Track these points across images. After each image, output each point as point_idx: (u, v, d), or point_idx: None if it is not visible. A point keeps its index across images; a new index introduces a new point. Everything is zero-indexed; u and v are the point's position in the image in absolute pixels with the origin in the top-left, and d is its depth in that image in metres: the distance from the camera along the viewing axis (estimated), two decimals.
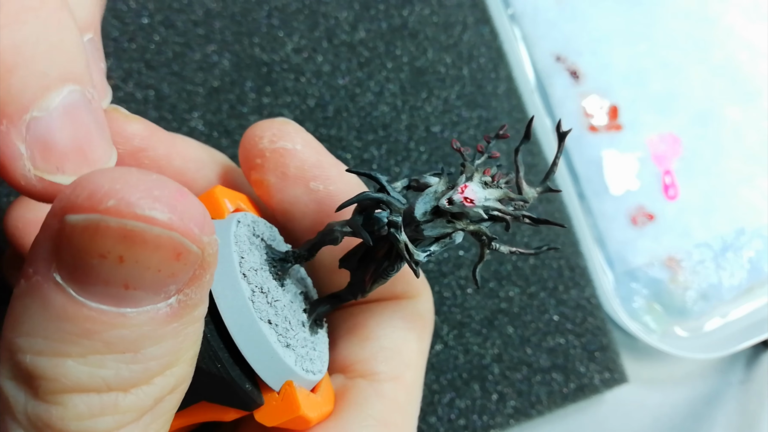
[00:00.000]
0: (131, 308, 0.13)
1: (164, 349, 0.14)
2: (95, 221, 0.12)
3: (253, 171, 0.21)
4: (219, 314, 0.17)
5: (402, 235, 0.17)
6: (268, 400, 0.18)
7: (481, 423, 0.35)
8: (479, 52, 0.39)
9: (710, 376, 0.41)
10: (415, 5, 0.39)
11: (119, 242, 0.13)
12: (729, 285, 0.40)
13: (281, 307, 0.19)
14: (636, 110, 0.42)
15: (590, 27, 0.43)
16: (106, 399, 0.14)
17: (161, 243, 0.13)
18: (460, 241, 0.18)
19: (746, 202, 0.41)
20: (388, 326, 0.22)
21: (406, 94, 0.37)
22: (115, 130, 0.20)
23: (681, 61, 0.43)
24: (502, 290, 0.36)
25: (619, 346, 0.38)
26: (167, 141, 0.22)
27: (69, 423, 0.14)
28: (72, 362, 0.13)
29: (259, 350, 0.17)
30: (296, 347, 0.19)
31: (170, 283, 0.13)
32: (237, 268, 0.18)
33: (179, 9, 0.35)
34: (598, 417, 0.38)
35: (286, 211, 0.22)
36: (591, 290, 0.38)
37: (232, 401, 0.18)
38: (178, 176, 0.22)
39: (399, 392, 0.21)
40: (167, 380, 0.15)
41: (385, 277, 0.19)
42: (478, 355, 0.35)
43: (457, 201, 0.17)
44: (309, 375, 0.19)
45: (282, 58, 0.36)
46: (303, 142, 0.21)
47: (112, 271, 0.13)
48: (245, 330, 0.17)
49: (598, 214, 0.40)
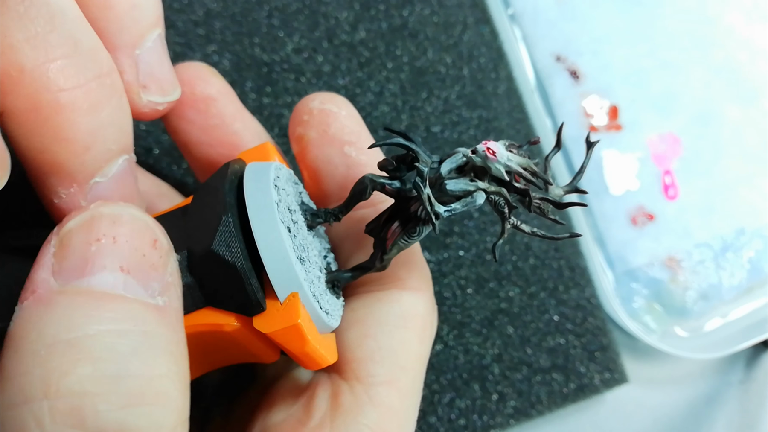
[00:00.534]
0: (128, 293, 0.15)
1: (167, 338, 0.15)
2: (91, 214, 0.15)
3: (299, 127, 0.23)
4: (246, 211, 0.18)
5: (426, 188, 0.18)
6: (270, 308, 0.18)
7: (481, 423, 0.35)
8: (479, 52, 0.39)
9: (710, 376, 0.41)
10: (415, 5, 0.39)
11: (110, 226, 0.15)
12: (729, 285, 0.40)
13: (304, 238, 0.20)
14: (636, 110, 0.42)
15: (590, 27, 0.43)
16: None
17: (141, 227, 0.15)
18: (480, 203, 0.19)
19: (746, 202, 0.41)
20: (387, 325, 0.22)
21: (406, 94, 0.37)
22: (200, 77, 0.23)
23: (681, 61, 0.43)
24: (502, 290, 0.36)
25: (620, 346, 0.38)
26: (238, 105, 0.24)
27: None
28: (88, 341, 0.14)
29: (274, 248, 0.18)
30: (309, 270, 0.19)
31: (153, 277, 0.15)
32: (271, 179, 0.19)
33: (179, 9, 0.35)
34: (598, 417, 0.38)
35: (318, 170, 0.23)
36: (591, 290, 0.38)
37: (236, 301, 0.18)
38: (234, 136, 0.24)
39: (393, 397, 0.21)
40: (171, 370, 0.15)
41: (407, 240, 0.20)
42: (478, 355, 0.35)
43: (480, 150, 0.18)
44: (316, 304, 0.19)
45: (282, 58, 0.36)
46: (348, 111, 0.23)
47: (108, 252, 0.15)
48: (265, 225, 0.18)
49: (598, 214, 0.40)
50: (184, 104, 0.23)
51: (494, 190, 0.18)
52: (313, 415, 0.20)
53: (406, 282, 0.22)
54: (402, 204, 0.20)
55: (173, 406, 0.14)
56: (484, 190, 0.18)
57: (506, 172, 0.18)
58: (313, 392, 0.21)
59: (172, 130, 0.24)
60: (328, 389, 0.21)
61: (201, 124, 0.24)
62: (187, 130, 0.24)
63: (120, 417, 0.13)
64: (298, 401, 0.21)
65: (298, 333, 0.18)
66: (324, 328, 0.20)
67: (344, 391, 0.21)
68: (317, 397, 0.21)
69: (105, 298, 0.14)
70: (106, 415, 0.13)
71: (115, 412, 0.13)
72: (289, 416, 0.21)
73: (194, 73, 0.23)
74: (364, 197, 0.20)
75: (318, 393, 0.21)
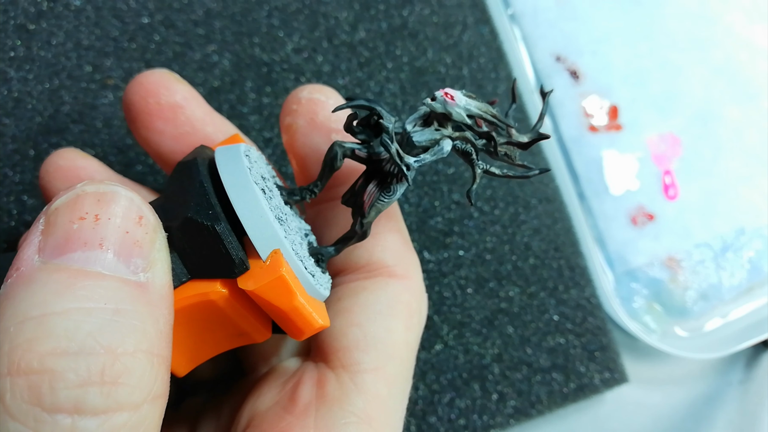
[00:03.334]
0: (106, 270, 0.15)
1: (141, 315, 0.15)
2: (76, 192, 0.15)
3: (288, 116, 0.23)
4: (221, 184, 0.18)
5: (394, 143, 0.19)
6: (253, 266, 0.18)
7: (481, 423, 0.35)
8: (479, 52, 0.39)
9: (710, 376, 0.41)
10: (415, 5, 0.39)
11: (94, 204, 0.15)
12: (729, 285, 0.40)
13: (280, 205, 0.20)
14: (636, 110, 0.42)
15: (590, 27, 0.43)
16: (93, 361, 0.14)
17: (126, 204, 0.16)
18: (448, 150, 0.19)
19: (746, 202, 0.41)
20: (372, 312, 0.21)
21: (406, 94, 0.37)
22: (164, 85, 0.23)
23: (681, 61, 0.43)
24: (502, 290, 0.36)
25: (619, 346, 0.38)
26: (207, 110, 0.24)
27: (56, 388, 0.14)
28: (54, 319, 0.14)
29: (251, 207, 0.18)
30: (289, 232, 0.19)
31: (137, 254, 0.15)
32: (242, 151, 0.19)
33: (179, 9, 0.35)
34: (598, 417, 0.38)
35: (306, 156, 0.23)
36: (591, 290, 0.38)
37: (219, 265, 0.18)
38: (207, 140, 0.23)
39: (380, 385, 0.21)
40: None
41: (384, 200, 0.20)
42: (478, 355, 0.35)
43: (439, 96, 0.19)
44: (299, 263, 0.19)
45: (282, 58, 0.36)
46: (336, 100, 0.23)
47: (89, 230, 0.15)
48: (240, 187, 0.18)
49: (598, 214, 0.40)
50: (150, 115, 0.23)
51: (458, 135, 0.19)
52: (298, 402, 0.20)
53: (392, 269, 0.22)
54: (375, 166, 0.20)
55: (139, 385, 0.14)
56: (449, 137, 0.19)
57: (468, 116, 0.19)
58: (299, 380, 0.21)
59: (143, 142, 0.24)
60: (314, 377, 0.21)
61: (171, 133, 0.23)
62: (158, 141, 0.23)
63: (77, 395, 0.13)
64: (285, 389, 0.21)
65: (283, 285, 0.18)
66: (311, 291, 0.19)
67: (330, 379, 0.21)
68: (303, 385, 0.21)
69: (80, 275, 0.14)
70: (62, 393, 0.13)
71: (71, 390, 0.13)
72: (275, 404, 0.21)
73: (157, 81, 0.23)
74: (336, 165, 0.20)
75: (304, 380, 0.21)
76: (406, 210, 0.36)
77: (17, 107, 0.32)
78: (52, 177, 0.25)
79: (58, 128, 0.32)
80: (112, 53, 0.34)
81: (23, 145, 0.32)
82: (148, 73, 0.23)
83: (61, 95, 0.33)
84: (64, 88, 0.33)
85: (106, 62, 0.33)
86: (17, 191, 0.32)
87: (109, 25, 0.34)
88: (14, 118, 0.32)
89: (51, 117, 0.32)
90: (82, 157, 0.25)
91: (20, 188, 0.32)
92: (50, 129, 0.32)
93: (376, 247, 0.23)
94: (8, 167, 0.32)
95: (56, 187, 0.25)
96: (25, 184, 0.32)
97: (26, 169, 0.32)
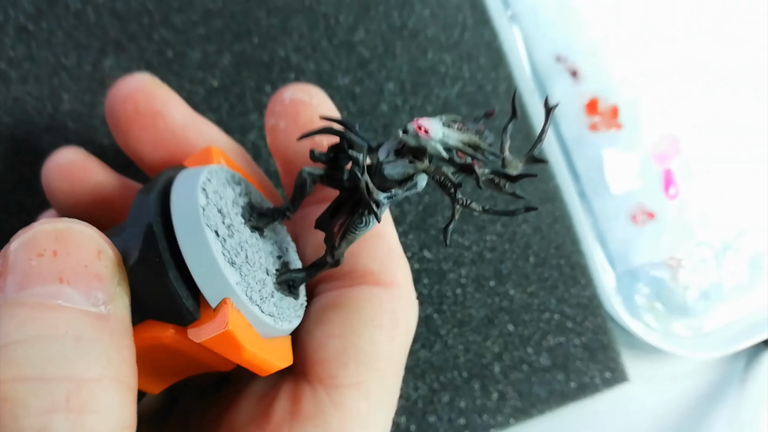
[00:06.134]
0: (66, 302, 0.15)
1: (104, 344, 0.15)
2: (33, 231, 0.15)
3: (271, 117, 0.23)
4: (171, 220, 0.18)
5: (364, 175, 0.17)
6: (203, 316, 0.17)
7: (481, 422, 0.35)
8: (479, 52, 0.39)
9: (711, 375, 0.41)
10: (415, 5, 0.39)
11: (52, 240, 0.15)
12: (730, 284, 0.40)
13: (241, 239, 0.19)
14: (636, 110, 0.42)
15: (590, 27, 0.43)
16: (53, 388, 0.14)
17: (84, 240, 0.16)
18: (423, 186, 0.18)
19: (747, 200, 0.41)
20: (354, 323, 0.20)
21: (406, 93, 0.37)
22: (143, 91, 0.22)
23: (681, 61, 0.43)
24: (502, 289, 0.36)
25: (620, 345, 0.38)
26: (187, 113, 0.23)
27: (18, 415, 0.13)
28: (15, 347, 0.14)
29: (199, 253, 0.17)
30: (246, 273, 0.18)
31: (97, 287, 0.15)
32: (199, 183, 0.18)
33: (179, 9, 0.35)
34: (598, 416, 0.38)
35: (288, 159, 0.23)
36: (592, 289, 0.38)
37: (169, 312, 0.17)
38: (188, 145, 0.23)
39: (359, 400, 0.19)
40: None
41: (354, 231, 0.19)
42: (478, 354, 0.35)
43: (411, 129, 0.17)
44: (255, 308, 0.18)
45: (282, 58, 0.36)
46: (319, 100, 0.23)
47: (48, 266, 0.15)
48: (189, 231, 0.17)
49: (599, 213, 0.40)
50: (129, 122, 0.23)
51: (435, 169, 0.17)
52: (272, 419, 0.20)
53: (378, 276, 0.21)
54: (346, 194, 0.19)
55: (108, 412, 0.14)
56: (424, 171, 0.17)
57: (445, 149, 0.17)
58: (275, 395, 0.20)
59: (125, 148, 0.23)
60: (290, 392, 0.20)
61: (150, 140, 0.23)
62: (138, 148, 0.23)
63: (40, 423, 0.13)
64: (261, 403, 0.20)
65: (231, 340, 0.17)
66: (271, 332, 0.19)
67: (306, 394, 0.20)
68: (278, 400, 0.20)
69: (41, 308, 0.14)
70: (24, 420, 0.13)
71: (35, 417, 0.13)
72: (251, 418, 0.20)
73: (136, 86, 0.23)
74: (306, 192, 0.19)
75: (279, 396, 0.20)
76: (406, 209, 0.36)
77: (17, 107, 0.32)
78: (54, 176, 0.24)
79: (57, 128, 0.32)
80: (112, 53, 0.34)
81: (23, 144, 0.32)
82: (128, 79, 0.23)
83: (61, 95, 0.33)
84: (64, 88, 0.33)
85: (106, 62, 0.33)
86: (17, 191, 0.32)
87: (109, 25, 0.34)
88: (14, 118, 0.32)
89: (51, 116, 0.32)
90: (83, 156, 0.25)
91: (20, 188, 0.32)
92: (50, 129, 0.32)
93: (360, 252, 0.21)
94: (8, 167, 0.32)
95: (57, 186, 0.24)
96: (24, 184, 0.32)
97: (26, 169, 0.32)
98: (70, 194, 0.25)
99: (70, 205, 0.25)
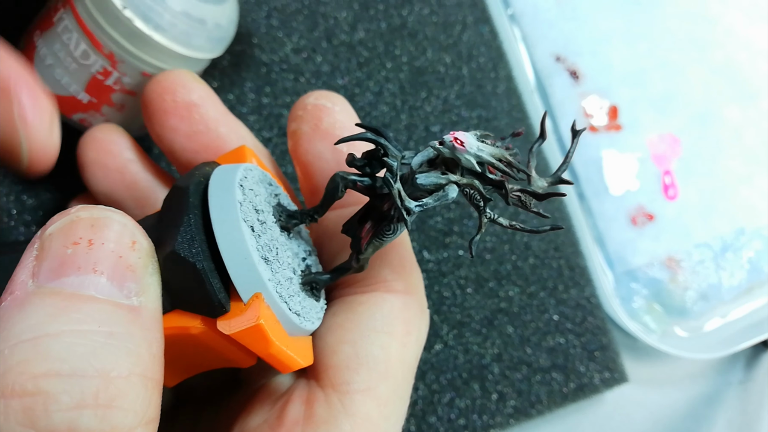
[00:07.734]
0: (100, 294, 0.15)
1: (135, 339, 0.15)
2: (70, 218, 0.16)
3: (293, 122, 0.23)
4: (208, 212, 0.18)
5: (397, 183, 0.18)
6: (233, 309, 0.18)
7: (481, 423, 0.35)
8: (479, 52, 0.39)
9: (710, 376, 0.41)
10: (414, 5, 0.39)
11: (88, 229, 0.15)
12: (729, 285, 0.40)
13: (273, 237, 0.19)
14: (636, 110, 0.42)
15: (590, 27, 0.43)
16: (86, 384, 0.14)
17: (119, 229, 0.16)
18: (454, 197, 0.18)
19: (746, 202, 0.41)
20: (367, 329, 0.20)
21: (406, 93, 0.37)
22: (181, 84, 0.23)
23: (681, 61, 0.43)
24: (501, 290, 0.36)
25: (619, 346, 0.38)
26: (221, 109, 0.24)
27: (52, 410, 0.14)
28: (48, 341, 0.14)
29: (235, 247, 0.18)
30: (276, 270, 0.18)
31: (130, 278, 0.16)
32: (236, 179, 0.19)
33: None
34: (598, 417, 0.38)
35: (309, 164, 0.23)
36: (591, 290, 0.38)
37: (200, 303, 0.18)
38: (219, 141, 0.23)
39: (370, 406, 0.19)
40: None
41: (382, 238, 0.19)
42: (477, 355, 0.35)
43: (447, 140, 0.17)
44: (283, 305, 0.18)
45: (281, 58, 0.36)
46: (342, 107, 0.23)
47: (83, 255, 0.15)
48: (226, 224, 0.18)
49: (598, 214, 0.40)
50: (166, 112, 0.23)
51: (466, 182, 0.18)
52: (285, 422, 0.20)
53: (391, 284, 0.21)
54: (376, 201, 0.19)
55: (133, 408, 0.14)
56: (456, 183, 0.18)
57: (478, 163, 0.17)
58: (288, 398, 0.21)
59: (156, 138, 0.24)
60: (303, 396, 0.20)
61: (185, 131, 0.23)
62: (171, 138, 0.23)
63: (71, 417, 0.13)
64: (275, 407, 0.21)
65: (260, 334, 0.17)
66: (296, 330, 0.19)
67: (319, 399, 0.20)
68: (291, 404, 0.20)
69: (74, 299, 0.14)
70: (57, 415, 0.13)
71: (66, 412, 0.13)
72: (264, 422, 0.20)
73: (175, 79, 0.23)
74: (337, 196, 0.19)
75: (293, 399, 0.20)
76: None
77: None
78: (89, 147, 0.25)
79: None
80: None
81: None
82: (167, 72, 0.23)
83: None
84: None
85: None
86: (17, 191, 0.32)
87: None
88: None
89: None
90: (118, 134, 0.26)
91: (20, 188, 0.32)
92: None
93: (375, 260, 0.22)
94: None
95: (91, 158, 0.25)
96: (25, 184, 0.32)
97: None
98: (101, 166, 0.25)
99: (99, 178, 0.25)
